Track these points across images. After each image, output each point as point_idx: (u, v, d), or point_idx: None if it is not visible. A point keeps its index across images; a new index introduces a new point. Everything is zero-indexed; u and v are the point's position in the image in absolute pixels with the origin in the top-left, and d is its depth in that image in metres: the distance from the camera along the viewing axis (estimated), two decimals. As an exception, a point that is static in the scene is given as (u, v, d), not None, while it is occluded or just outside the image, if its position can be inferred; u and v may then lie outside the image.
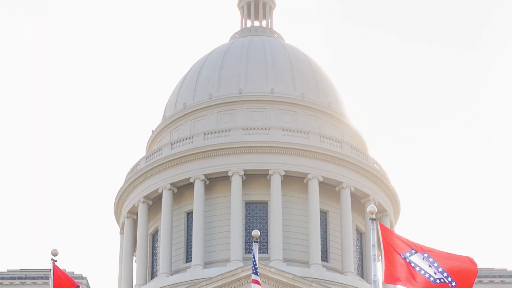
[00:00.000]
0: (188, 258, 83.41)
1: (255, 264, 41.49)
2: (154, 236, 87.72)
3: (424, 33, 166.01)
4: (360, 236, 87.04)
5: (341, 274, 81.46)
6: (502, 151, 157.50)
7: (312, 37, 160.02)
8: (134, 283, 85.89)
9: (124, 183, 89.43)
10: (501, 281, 69.50)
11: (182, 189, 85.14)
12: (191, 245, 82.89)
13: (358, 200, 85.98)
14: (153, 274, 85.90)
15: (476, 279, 32.75)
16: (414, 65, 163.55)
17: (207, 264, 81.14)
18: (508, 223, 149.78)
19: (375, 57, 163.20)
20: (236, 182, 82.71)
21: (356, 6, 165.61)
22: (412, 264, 31.65)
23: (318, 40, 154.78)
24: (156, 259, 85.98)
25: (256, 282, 40.98)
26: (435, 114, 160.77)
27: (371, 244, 33.67)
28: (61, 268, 37.84)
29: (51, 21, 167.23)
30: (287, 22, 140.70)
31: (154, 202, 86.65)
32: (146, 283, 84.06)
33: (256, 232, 42.86)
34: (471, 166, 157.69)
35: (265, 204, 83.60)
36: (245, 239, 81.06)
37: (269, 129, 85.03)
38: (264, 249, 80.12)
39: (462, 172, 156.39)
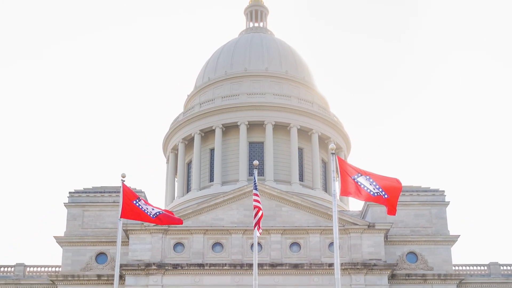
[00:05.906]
0: (211, 179, 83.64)
1: (255, 183, 41.56)
2: (189, 164, 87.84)
3: (369, 27, 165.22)
4: (324, 164, 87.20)
5: (312, 189, 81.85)
6: (419, 111, 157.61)
7: (293, 33, 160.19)
8: (176, 195, 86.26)
9: (169, 129, 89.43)
10: (417, 194, 70.07)
11: (207, 133, 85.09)
12: (213, 170, 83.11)
13: (323, 141, 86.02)
14: (188, 190, 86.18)
15: (401, 193, 32.82)
16: (362, 50, 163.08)
17: (223, 183, 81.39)
18: (423, 154, 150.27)
19: (336, 45, 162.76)
20: (243, 129, 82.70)
21: (323, 11, 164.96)
22: (359, 183, 31.85)
23: (297, 34, 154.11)
24: (190, 179, 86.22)
25: (256, 194, 41.07)
26: (377, 82, 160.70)
27: (332, 170, 33.91)
28: (127, 185, 37.99)
29: (98, 19, 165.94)
30: (277, 23, 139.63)
31: (189, 142, 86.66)
32: (183, 195, 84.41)
33: (256, 162, 42.76)
34: (398, 120, 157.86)
35: (262, 144, 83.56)
36: (249, 166, 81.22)
37: (265, 94, 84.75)
38: (261, 173, 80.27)
39: (392, 123, 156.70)
